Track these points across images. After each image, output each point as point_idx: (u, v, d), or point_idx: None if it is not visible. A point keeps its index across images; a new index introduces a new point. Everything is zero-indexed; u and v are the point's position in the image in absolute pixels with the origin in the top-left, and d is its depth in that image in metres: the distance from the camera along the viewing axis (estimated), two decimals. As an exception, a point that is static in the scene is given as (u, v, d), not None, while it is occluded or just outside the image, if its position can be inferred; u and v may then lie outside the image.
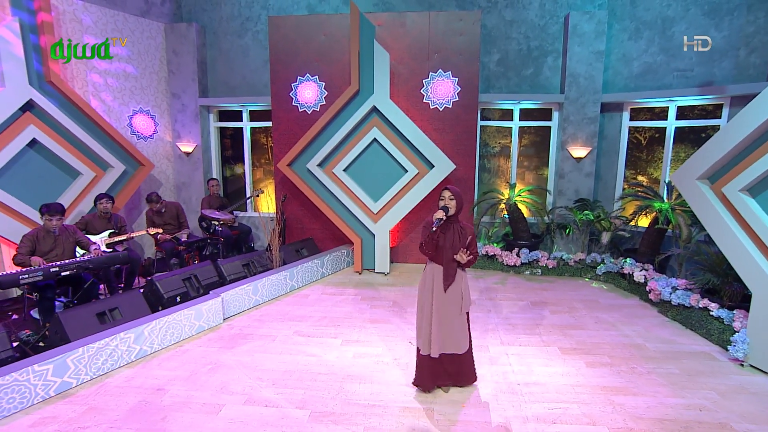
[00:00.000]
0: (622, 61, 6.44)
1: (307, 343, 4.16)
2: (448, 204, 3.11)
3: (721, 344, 4.06)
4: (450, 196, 3.11)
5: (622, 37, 6.37)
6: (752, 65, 5.46)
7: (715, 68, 5.72)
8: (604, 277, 5.99)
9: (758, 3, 5.46)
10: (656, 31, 6.12)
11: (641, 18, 6.22)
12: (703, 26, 5.78)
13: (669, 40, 6.04)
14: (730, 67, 5.61)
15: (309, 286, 5.88)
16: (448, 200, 3.11)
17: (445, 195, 3.12)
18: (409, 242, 6.91)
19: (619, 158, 6.76)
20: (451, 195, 3.11)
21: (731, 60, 5.58)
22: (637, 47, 6.28)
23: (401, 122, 6.09)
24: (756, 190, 3.75)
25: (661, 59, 6.10)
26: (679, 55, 5.97)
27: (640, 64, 6.29)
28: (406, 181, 6.24)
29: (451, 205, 3.11)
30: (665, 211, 5.30)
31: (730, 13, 5.63)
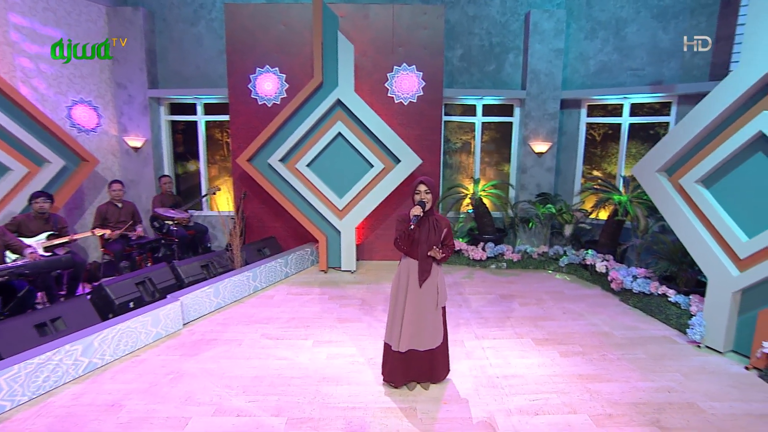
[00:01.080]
0: (579, 60, 6.65)
1: (276, 346, 3.94)
2: (424, 198, 3.01)
3: (680, 328, 4.25)
4: (426, 189, 3.01)
5: (579, 37, 6.58)
6: (696, 66, 5.80)
7: (664, 68, 6.03)
8: (566, 268, 6.17)
9: (699, 8, 5.81)
10: (610, 31, 6.38)
11: (596, 18, 6.45)
12: (652, 28, 6.07)
13: (622, 40, 6.30)
14: (677, 68, 5.94)
15: (273, 286, 5.62)
16: (424, 194, 3.01)
17: (421, 189, 3.01)
18: (375, 239, 6.80)
19: (578, 153, 6.99)
20: (427, 189, 3.02)
21: (678, 61, 5.91)
22: (593, 46, 6.51)
23: (366, 116, 5.96)
24: (709, 182, 3.95)
25: (616, 58, 6.36)
26: (631, 54, 6.24)
27: (596, 63, 6.53)
28: (372, 177, 6.11)
29: (428, 199, 3.01)
30: (624, 203, 5.53)
31: (675, 17, 5.95)
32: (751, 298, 3.65)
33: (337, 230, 6.26)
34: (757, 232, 3.55)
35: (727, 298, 3.73)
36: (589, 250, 5.84)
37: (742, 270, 3.64)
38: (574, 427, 2.82)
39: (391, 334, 3.18)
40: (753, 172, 3.61)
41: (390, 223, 6.75)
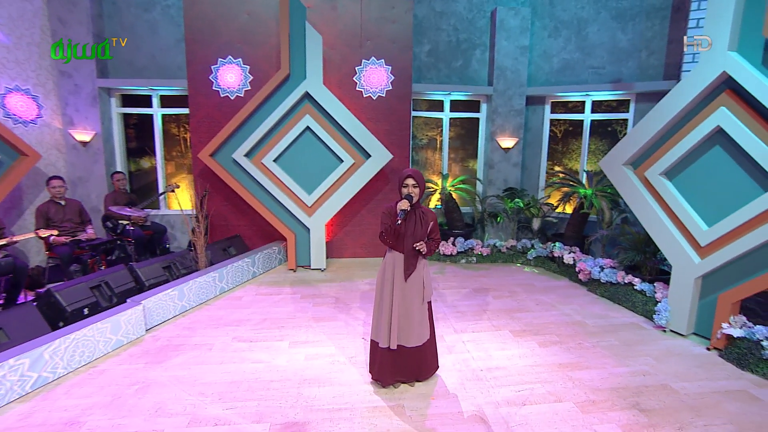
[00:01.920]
0: (543, 57, 6.84)
1: (250, 349, 3.75)
2: (412, 192, 2.95)
3: (645, 314, 4.46)
4: (414, 183, 2.96)
5: (542, 35, 6.76)
6: (652, 66, 6.13)
7: (623, 67, 6.32)
8: (534, 261, 6.32)
9: (654, 12, 6.13)
10: (573, 30, 6.60)
11: (559, 17, 6.66)
12: (611, 29, 6.35)
13: (584, 39, 6.54)
14: (635, 67, 6.24)
15: (241, 287, 5.37)
16: (411, 188, 2.96)
17: (409, 182, 2.95)
18: (344, 236, 6.67)
19: (542, 149, 7.19)
20: (415, 182, 2.96)
21: (635, 60, 6.21)
22: (556, 44, 6.72)
23: (336, 109, 5.82)
24: (672, 174, 4.15)
25: (578, 57, 6.59)
26: (593, 53, 6.49)
27: (559, 61, 6.74)
28: (341, 172, 5.99)
29: (415, 193, 2.96)
30: (589, 196, 5.73)
31: (633, 19, 6.25)
32: (711, 283, 3.87)
33: (306, 227, 6.09)
34: (716, 221, 3.77)
35: (690, 283, 3.93)
36: (556, 243, 6.02)
37: (703, 257, 3.85)
38: (561, 415, 2.85)
39: (377, 331, 3.09)
40: (711, 164, 3.82)
41: (360, 220, 6.65)
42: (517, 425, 2.74)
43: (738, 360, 3.51)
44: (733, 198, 3.66)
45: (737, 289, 3.62)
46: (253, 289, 5.30)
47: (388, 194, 6.64)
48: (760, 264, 3.50)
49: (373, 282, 5.57)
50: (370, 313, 4.55)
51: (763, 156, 3.42)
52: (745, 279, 3.59)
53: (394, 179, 6.59)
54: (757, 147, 3.45)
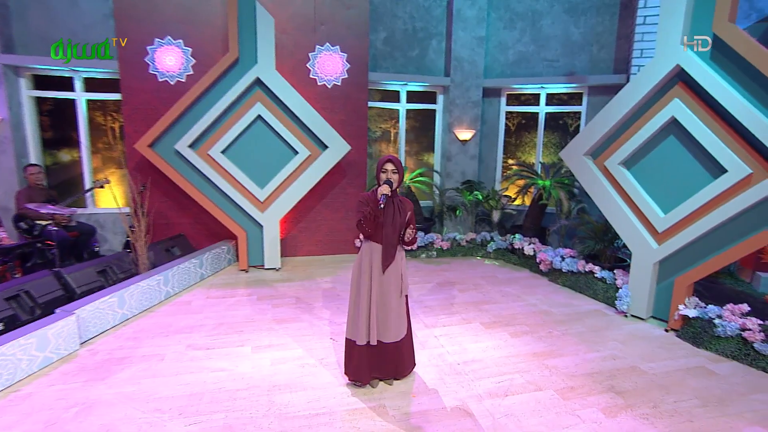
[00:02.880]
0: (498, 49, 7.05)
1: (208, 357, 3.51)
2: (391, 177, 2.93)
3: (607, 301, 4.74)
4: (393, 168, 2.94)
5: (498, 26, 6.97)
6: (602, 60, 6.53)
7: (576, 60, 6.68)
8: (494, 254, 6.52)
9: (605, 7, 6.54)
10: (527, 22, 6.87)
11: (514, 9, 6.90)
12: (564, 22, 6.68)
13: (538, 31, 6.83)
14: (587, 60, 6.62)
15: (188, 290, 5.05)
16: (391, 173, 2.93)
17: (388, 168, 2.93)
18: (299, 233, 6.49)
19: (499, 141, 7.43)
20: (394, 167, 2.95)
21: (587, 54, 6.59)
22: (511, 36, 6.96)
23: (290, 97, 5.63)
24: (630, 163, 4.44)
25: (532, 49, 6.87)
26: (547, 46, 6.80)
27: (514, 53, 6.98)
28: (296, 164, 5.81)
29: (395, 179, 2.94)
30: (548, 188, 6.00)
31: (584, 13, 6.62)
32: (667, 268, 4.19)
33: (258, 224, 5.84)
34: (672, 208, 4.08)
35: (649, 269, 4.23)
36: (516, 235, 6.24)
37: (661, 243, 4.16)
38: (543, 403, 2.94)
39: (354, 328, 3.02)
40: (667, 154, 4.13)
41: (315, 215, 6.50)
42: (503, 416, 2.79)
43: (693, 339, 3.82)
44: (686, 185, 3.97)
45: (692, 272, 3.95)
46: (202, 292, 5.00)
47: (345, 188, 6.54)
48: (712, 247, 3.83)
49: (334, 280, 5.46)
50: (335, 312, 4.46)
51: (712, 145, 3.74)
52: (699, 262, 3.91)
53: (352, 172, 6.51)
54: (707, 136, 3.77)
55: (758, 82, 3.49)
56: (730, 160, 3.64)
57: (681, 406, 2.93)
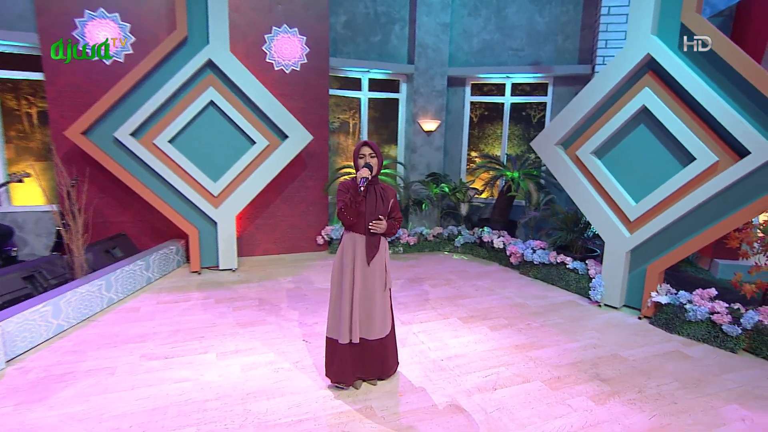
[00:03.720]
0: (463, 36, 7.18)
1: (168, 367, 3.32)
2: (369, 161, 2.90)
3: (580, 292, 4.96)
4: (371, 152, 2.92)
5: (462, 13, 7.10)
6: (567, 50, 6.83)
7: (541, 50, 6.93)
8: (462, 248, 6.64)
9: (567, -4, 6.84)
10: (492, 10, 7.04)
11: (478, -4, 7.06)
12: (529, 11, 6.91)
13: (503, 20, 7.02)
14: (552, 50, 6.89)
15: (135, 296, 4.74)
16: (369, 157, 2.91)
17: (365, 152, 2.91)
18: (255, 231, 6.29)
19: (464, 132, 7.57)
20: (372, 152, 2.93)
21: (552, 44, 6.86)
22: (476, 24, 7.11)
23: (246, 82, 5.43)
24: (601, 153, 4.67)
25: (497, 38, 7.06)
26: (512, 35, 7.01)
27: (479, 41, 7.14)
28: (254, 155, 5.62)
29: (374, 163, 2.92)
30: (517, 179, 6.19)
31: (549, 2, 6.88)
32: (639, 256, 4.45)
33: (212, 221, 5.59)
34: (643, 196, 4.33)
35: (622, 258, 4.47)
36: (485, 228, 6.40)
37: (633, 231, 4.41)
38: (533, 394, 3.03)
39: (336, 326, 2.96)
40: (637, 142, 4.38)
41: (273, 211, 6.32)
42: (495, 410, 2.84)
43: (666, 324, 4.09)
44: (656, 174, 4.23)
45: (663, 258, 4.21)
46: (151, 297, 4.72)
47: (305, 181, 6.41)
48: (682, 234, 4.11)
49: (298, 280, 5.34)
50: (304, 312, 4.37)
51: (681, 133, 4.00)
52: (670, 249, 4.18)
53: (313, 164, 6.39)
54: (676, 125, 4.03)
55: (723, 72, 3.78)
56: (698, 148, 3.92)
57: (664, 390, 3.12)
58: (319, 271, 5.70)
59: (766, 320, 3.65)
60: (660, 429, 2.69)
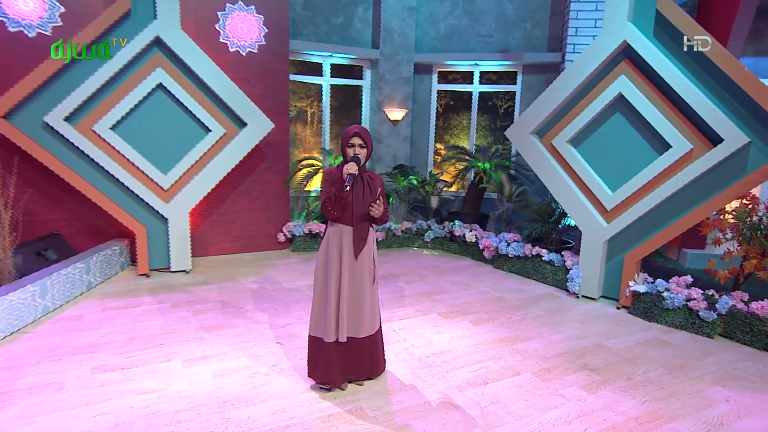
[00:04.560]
0: (429, 21, 7.29)
1: (127, 378, 3.16)
2: (358, 153, 2.89)
3: (556, 284, 5.19)
4: (360, 142, 2.91)
5: (429, -5, 7.21)
6: (536, 37, 7.08)
7: (510, 37, 7.15)
8: (432, 243, 6.75)
9: (536, -18, 7.09)
10: (459, -6, 7.19)
11: (445, -22, 7.19)
12: (497, -4, 7.13)
13: (471, 4, 7.18)
14: (521, 37, 7.12)
15: (74, 302, 4.48)
16: (358, 148, 2.91)
17: (355, 141, 2.89)
18: (209, 228, 6.10)
19: (430, 122, 7.69)
20: (362, 141, 2.92)
21: (521, 31, 7.09)
22: (443, 8, 7.23)
23: (200, 63, 5.25)
24: (577, 142, 4.89)
25: (465, 23, 7.21)
26: (480, 20, 7.18)
27: (446, 26, 7.27)
28: (209, 144, 5.45)
29: (363, 154, 2.92)
30: (488, 170, 6.36)
31: (517, -12, 7.11)
32: (616, 246, 4.70)
33: (162, 218, 5.37)
34: (619, 185, 4.58)
35: (599, 248, 4.71)
36: (455, 221, 6.53)
37: (610, 221, 4.65)
38: (525, 386, 3.14)
39: (322, 323, 2.94)
40: (613, 131, 4.63)
41: (229, 206, 6.15)
42: (489, 404, 2.93)
43: (644, 313, 4.36)
44: (633, 162, 4.49)
45: (641, 247, 4.48)
46: (94, 303, 4.47)
47: (264, 174, 6.29)
48: (658, 222, 4.39)
49: (261, 280, 5.24)
50: (273, 314, 4.31)
51: (657, 121, 4.27)
52: (647, 237, 4.45)
53: (272, 155, 6.27)
54: (652, 113, 4.30)
55: (696, 60, 4.07)
56: (673, 136, 4.20)
57: (651, 376, 3.33)
58: (283, 270, 5.61)
59: (739, 305, 3.97)
60: (653, 413, 2.87)
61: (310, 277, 5.39)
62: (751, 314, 3.86)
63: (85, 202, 5.32)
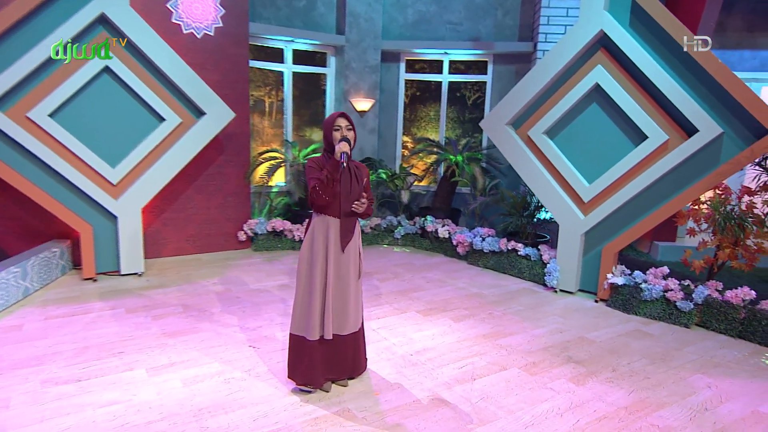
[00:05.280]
0: (396, 7, 7.35)
1: (85, 391, 3.04)
2: (347, 135, 2.93)
3: (533, 279, 5.37)
4: (347, 125, 2.98)
5: (395, -20, 7.27)
6: (507, 26, 7.28)
7: (480, 25, 7.31)
8: (403, 240, 6.82)
9: (507, -30, 7.29)
10: (427, -22, 7.29)
11: (412, -38, 7.27)
12: (467, -19, 7.27)
13: (440, -10, 7.30)
14: (491, 26, 7.30)
15: (10, 311, 4.26)
16: (345, 130, 2.96)
17: (342, 123, 2.95)
18: (162, 226, 5.92)
19: (398, 113, 7.76)
20: (348, 124, 2.98)
21: (492, 19, 7.27)
22: (410, -7, 7.31)
23: (152, 45, 5.09)
24: (553, 133, 5.08)
25: (434, 9, 7.32)
26: (449, 7, 7.30)
27: (414, 12, 7.35)
28: (163, 135, 5.30)
29: (351, 137, 2.96)
30: (461, 163, 6.49)
31: (487, -27, 7.28)
32: (593, 238, 4.92)
33: (111, 215, 5.17)
34: (596, 177, 4.80)
35: (577, 241, 4.92)
36: (427, 217, 6.63)
37: (587, 213, 4.87)
38: (513, 381, 3.25)
39: (305, 321, 2.94)
40: (590, 122, 4.84)
41: (184, 203, 6.00)
42: (480, 400, 3.01)
43: (623, 306, 4.59)
44: (609, 153, 4.72)
45: (618, 239, 4.71)
46: (35, 311, 4.26)
47: (223, 167, 6.16)
48: (635, 213, 4.63)
49: (225, 281, 5.16)
50: (242, 316, 4.26)
51: (633, 111, 4.51)
52: (624, 229, 4.69)
53: (231, 147, 6.16)
54: (628, 103, 4.53)
55: (671, 50, 4.32)
56: (649, 127, 4.44)
57: (635, 367, 3.52)
58: (247, 271, 5.53)
59: (714, 294, 4.25)
60: (640, 402, 3.04)
61: (278, 277, 5.35)
62: (726, 303, 4.14)
63: (17, 198, 5.02)
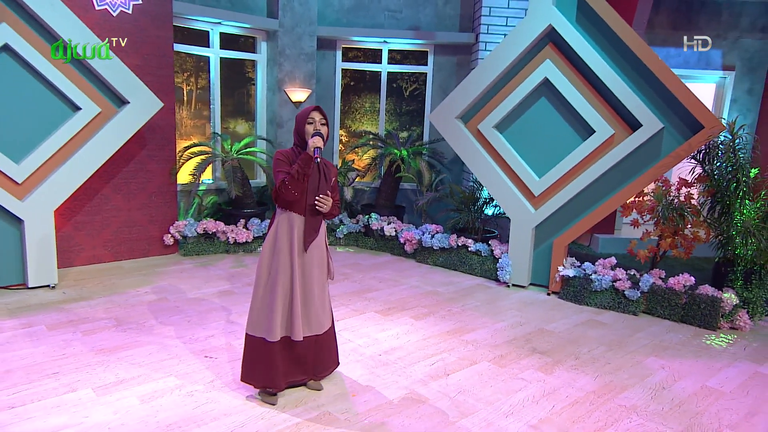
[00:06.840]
0: (331, -9, 7.49)
1: (23, 417, 2.93)
2: (320, 129, 3.07)
3: (485, 274, 5.77)
4: (321, 119, 3.11)
5: (330, -39, 7.40)
6: (448, 15, 7.65)
7: (420, 14, 7.62)
8: (345, 239, 7.00)
9: (446, -45, 7.65)
10: (365, -38, 7.50)
11: (348, -56, 7.44)
12: (407, -32, 7.56)
13: (378, -25, 7.53)
14: (432, 14, 7.63)
15: None
16: (319, 124, 3.09)
17: (316, 117, 3.08)
18: (74, 231, 5.67)
19: (335, 104, 7.90)
20: (323, 118, 3.12)
21: (432, 7, 7.60)
22: (347, -24, 7.48)
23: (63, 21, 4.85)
24: (503, 127, 5.49)
25: (372, -5, 7.54)
26: (389, -7, 7.56)
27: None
28: (79, 127, 5.09)
29: (324, 131, 3.10)
30: (406, 158, 6.77)
31: (428, -39, 7.61)
32: (543, 232, 5.39)
33: (15, 219, 4.89)
34: (546, 171, 5.26)
35: (528, 235, 5.36)
36: (372, 214, 6.85)
37: (537, 207, 5.32)
38: (485, 374, 3.57)
39: (266, 321, 3.06)
40: (539, 116, 5.30)
41: (100, 204, 5.78)
42: (457, 394, 3.29)
43: (575, 297, 5.08)
44: (558, 147, 5.19)
45: (568, 232, 5.21)
46: (-65, 332, 3.98)
47: (145, 163, 6.00)
48: (584, 206, 5.14)
49: (156, 290, 5.08)
50: (186, 326, 4.27)
51: (581, 106, 5.00)
52: (574, 222, 5.19)
53: (155, 141, 6.02)
54: (576, 98, 5.02)
55: (616, 47, 4.85)
56: (596, 121, 4.95)
57: (595, 353, 3.97)
58: (181, 278, 5.45)
59: (658, 282, 4.84)
60: (606, 386, 3.47)
61: (217, 283, 5.33)
62: (669, 289, 4.74)
63: None
